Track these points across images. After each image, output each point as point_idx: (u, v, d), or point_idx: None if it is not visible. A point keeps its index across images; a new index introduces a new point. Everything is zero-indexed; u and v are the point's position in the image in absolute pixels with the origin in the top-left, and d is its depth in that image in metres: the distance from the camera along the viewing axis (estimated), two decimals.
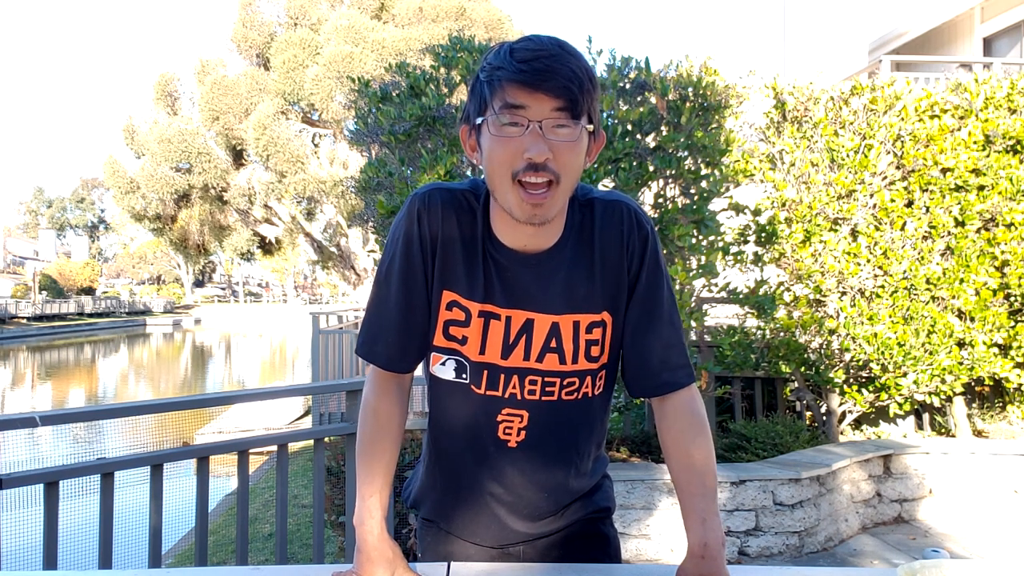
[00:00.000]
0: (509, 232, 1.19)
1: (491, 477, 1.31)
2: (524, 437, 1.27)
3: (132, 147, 20.62)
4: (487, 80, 1.09)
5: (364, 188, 4.90)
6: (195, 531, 2.56)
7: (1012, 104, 5.56)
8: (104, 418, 2.60)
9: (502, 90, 1.07)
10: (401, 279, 1.22)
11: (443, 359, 1.25)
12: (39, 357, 30.35)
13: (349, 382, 3.06)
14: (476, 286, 1.20)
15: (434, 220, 1.20)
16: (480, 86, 1.11)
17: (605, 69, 4.71)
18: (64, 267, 52.71)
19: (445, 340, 1.24)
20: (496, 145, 1.09)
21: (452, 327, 1.22)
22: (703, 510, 1.19)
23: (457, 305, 1.21)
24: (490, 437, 1.28)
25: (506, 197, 1.11)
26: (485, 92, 1.10)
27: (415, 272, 1.21)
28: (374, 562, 1.21)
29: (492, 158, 1.10)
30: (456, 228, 1.20)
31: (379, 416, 1.29)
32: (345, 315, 12.58)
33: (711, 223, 4.55)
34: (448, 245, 1.20)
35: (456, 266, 1.21)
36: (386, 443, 1.28)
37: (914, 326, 5.29)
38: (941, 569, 1.08)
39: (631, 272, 1.24)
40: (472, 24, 17.94)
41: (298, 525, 6.04)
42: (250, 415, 11.57)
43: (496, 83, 1.08)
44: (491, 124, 1.09)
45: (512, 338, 1.22)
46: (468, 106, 1.16)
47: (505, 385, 1.24)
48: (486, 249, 1.21)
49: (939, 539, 4.59)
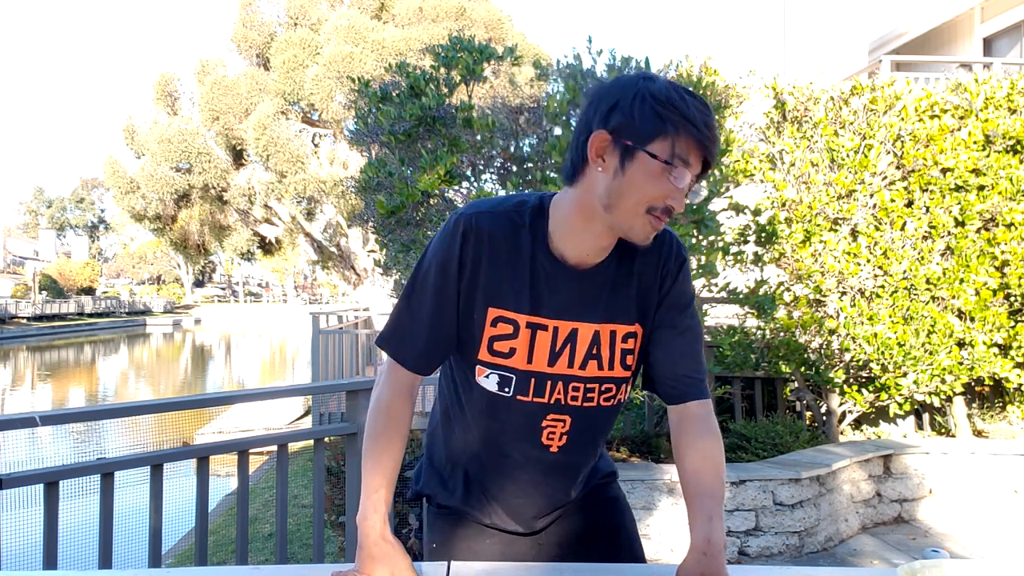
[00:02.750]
0: (574, 246, 1.26)
1: (527, 477, 1.39)
2: (565, 441, 1.36)
3: (132, 147, 20.62)
4: (670, 121, 1.13)
5: (364, 188, 4.90)
6: (195, 531, 2.56)
7: (1012, 104, 5.56)
8: (104, 418, 2.60)
9: (681, 141, 1.14)
10: (435, 292, 1.28)
11: (487, 372, 1.31)
12: (39, 357, 30.35)
13: (349, 382, 3.06)
14: (523, 299, 1.27)
15: (479, 244, 1.26)
16: (657, 118, 1.14)
17: (605, 69, 4.71)
18: (64, 267, 52.70)
19: (490, 355, 1.30)
20: (651, 182, 1.15)
21: (497, 342, 1.29)
22: (710, 509, 1.24)
23: (504, 320, 1.28)
24: (533, 441, 1.35)
25: (631, 221, 1.19)
26: (666, 129, 1.13)
27: (449, 290, 1.27)
28: (376, 559, 1.24)
29: (640, 189, 1.16)
30: (503, 248, 1.27)
31: (391, 414, 1.34)
32: (345, 315, 12.59)
33: (711, 223, 4.55)
34: (493, 266, 1.27)
35: (503, 283, 1.27)
36: (395, 441, 1.33)
37: (914, 326, 5.28)
38: (941, 569, 1.08)
39: (663, 290, 1.33)
40: (472, 24, 17.94)
41: (298, 525, 6.04)
42: (250, 415, 11.57)
43: (680, 132, 1.13)
44: (645, 162, 1.15)
45: (558, 347, 1.29)
46: (617, 116, 1.16)
47: (551, 392, 1.31)
48: (536, 263, 1.27)
49: (939, 539, 4.59)
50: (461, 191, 4.77)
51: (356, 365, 10.06)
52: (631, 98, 1.16)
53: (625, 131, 1.15)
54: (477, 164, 4.70)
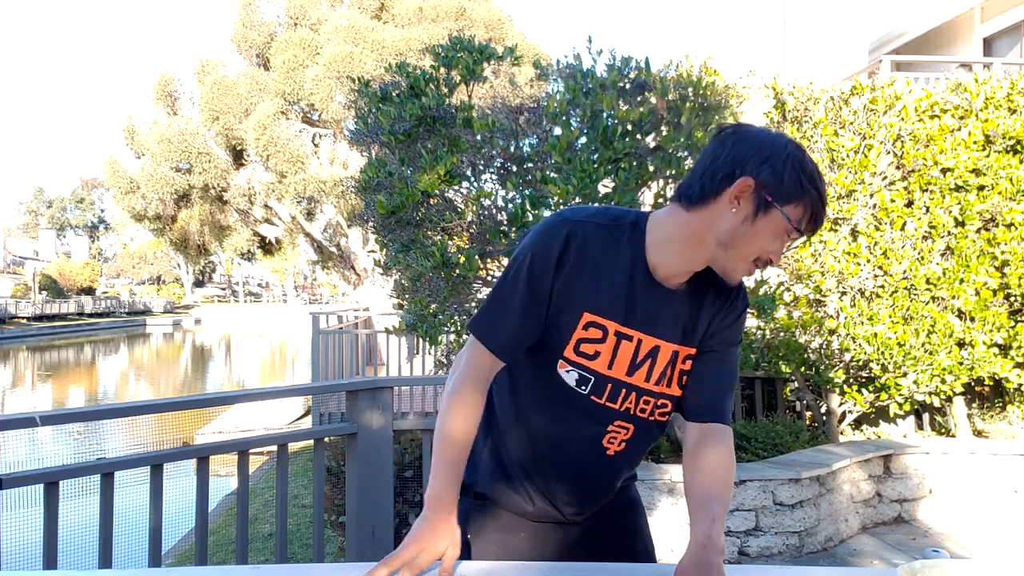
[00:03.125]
0: (669, 266, 1.35)
1: (577, 473, 1.46)
2: (623, 448, 1.44)
3: (132, 147, 20.60)
4: (808, 195, 1.25)
5: (364, 188, 4.89)
6: (195, 531, 2.56)
7: (1012, 104, 5.56)
8: (104, 418, 2.61)
9: (809, 213, 1.26)
10: (529, 286, 1.34)
11: (568, 368, 1.38)
12: (39, 357, 30.34)
13: (349, 382, 3.06)
14: (617, 309, 1.34)
15: (581, 250, 1.33)
16: (799, 186, 1.24)
17: (605, 69, 4.71)
18: (64, 267, 52.70)
19: (575, 355, 1.37)
20: (772, 237, 1.27)
21: (584, 344, 1.36)
22: (715, 512, 1.27)
23: (595, 325, 1.35)
24: (594, 442, 1.43)
25: (737, 264, 1.29)
26: (803, 199, 1.25)
27: (543, 286, 1.34)
28: (439, 535, 1.30)
29: (761, 241, 1.27)
30: (603, 257, 1.34)
31: (474, 399, 1.40)
32: (345, 315, 12.58)
33: None
34: (592, 273, 1.34)
35: (599, 291, 1.34)
36: (470, 423, 1.39)
37: (914, 326, 5.28)
38: (941, 569, 1.08)
39: (723, 323, 1.43)
40: (472, 24, 17.93)
41: (298, 525, 6.05)
42: (250, 415, 11.58)
43: (811, 206, 1.26)
44: (777, 220, 1.25)
45: (639, 359, 1.37)
46: (769, 174, 1.24)
47: (623, 400, 1.39)
48: (633, 276, 1.35)
49: (939, 539, 4.59)
50: (461, 191, 4.77)
51: (356, 365, 10.06)
52: (783, 159, 1.25)
53: (770, 187, 1.24)
54: (477, 164, 4.70)
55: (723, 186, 1.26)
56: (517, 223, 4.27)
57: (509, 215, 4.38)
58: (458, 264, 4.27)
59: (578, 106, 4.52)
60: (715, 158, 1.29)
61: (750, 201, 1.25)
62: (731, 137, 1.30)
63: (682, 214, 1.31)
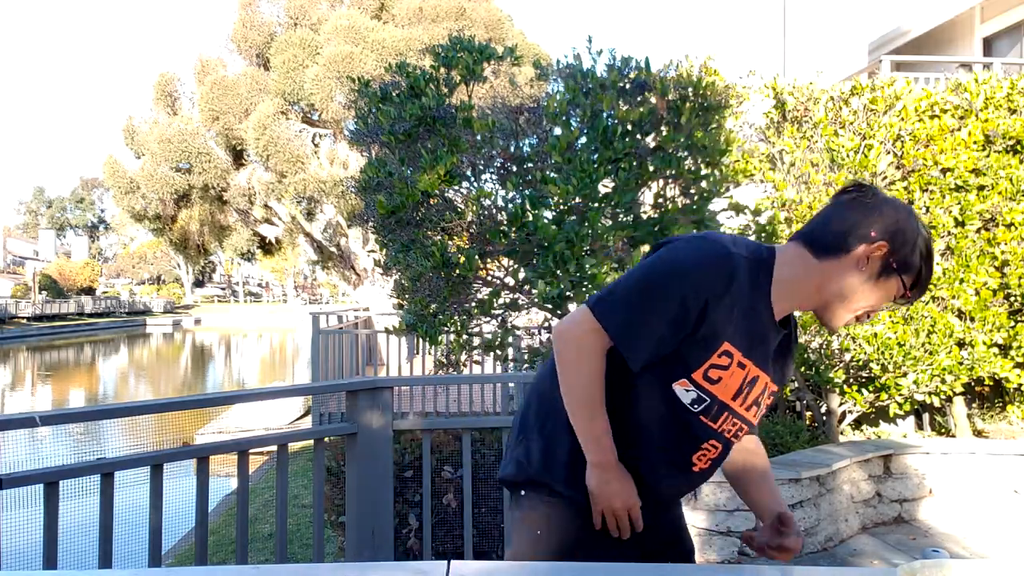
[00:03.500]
0: (783, 307, 1.48)
1: (663, 484, 1.53)
2: (708, 466, 1.53)
3: (132, 147, 20.59)
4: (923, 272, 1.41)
5: (364, 188, 4.89)
6: (195, 531, 2.56)
7: (1012, 104, 5.56)
8: (104, 418, 2.60)
9: (916, 283, 1.42)
10: (681, 310, 1.39)
11: (688, 387, 1.44)
12: (39, 357, 30.34)
13: (349, 382, 3.06)
14: (744, 340, 1.44)
15: (735, 286, 1.41)
16: (921, 261, 1.40)
17: (605, 69, 4.71)
18: (64, 267, 52.68)
19: (702, 378, 1.44)
20: (881, 297, 1.43)
21: (713, 370, 1.43)
22: (772, 486, 1.62)
23: (727, 354, 1.43)
24: (686, 457, 1.50)
25: (845, 316, 1.45)
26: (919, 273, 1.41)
27: (692, 314, 1.39)
28: (631, 483, 1.46)
29: (875, 299, 1.43)
30: (745, 292, 1.43)
31: (599, 376, 1.44)
32: (345, 315, 12.58)
33: (711, 223, 4.55)
34: (739, 307, 1.42)
35: (738, 322, 1.43)
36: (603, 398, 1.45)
37: (914, 326, 5.28)
38: (941, 569, 1.08)
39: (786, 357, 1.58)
40: (472, 24, 17.93)
41: (298, 525, 6.05)
42: (250, 415, 11.57)
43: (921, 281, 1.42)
44: (894, 285, 1.41)
45: (743, 386, 1.47)
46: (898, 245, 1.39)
47: (723, 422, 1.48)
48: (758, 311, 1.45)
49: (939, 539, 4.59)
50: (461, 191, 4.76)
51: (356, 365, 10.06)
52: (915, 233, 1.40)
53: (898, 255, 1.39)
54: (477, 164, 4.70)
55: (855, 244, 1.39)
56: (517, 223, 4.27)
57: (509, 215, 4.38)
58: (458, 264, 4.27)
59: (578, 106, 4.52)
60: (849, 216, 1.42)
61: (876, 262, 1.39)
62: (869, 199, 1.43)
63: (809, 259, 1.43)
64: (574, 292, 4.22)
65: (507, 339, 5.01)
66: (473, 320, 4.86)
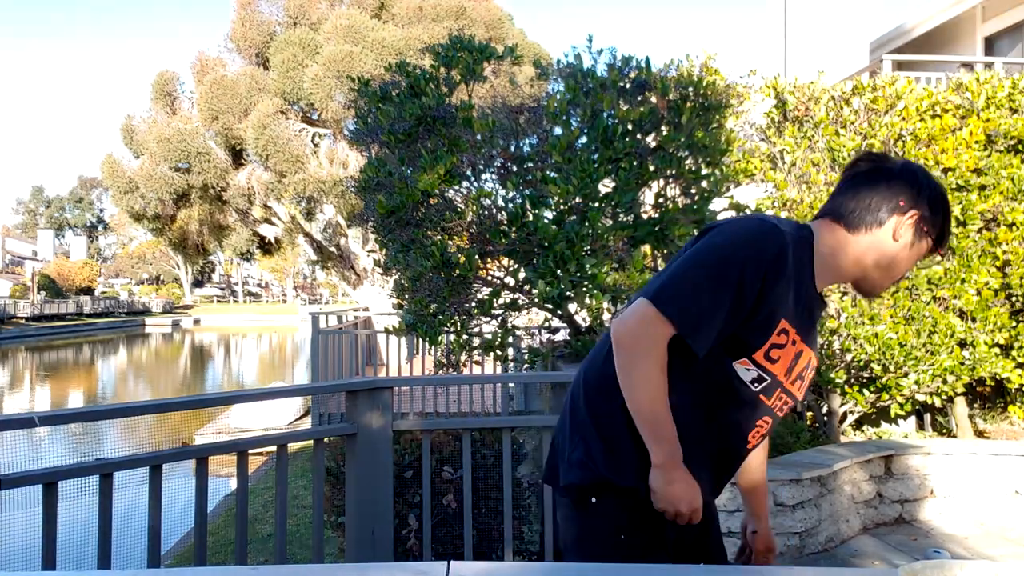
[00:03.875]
0: (824, 282, 1.52)
1: (723, 464, 1.56)
2: (758, 441, 1.58)
3: (131, 147, 20.57)
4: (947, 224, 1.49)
5: (364, 188, 4.89)
6: (194, 532, 2.55)
7: (1013, 104, 5.55)
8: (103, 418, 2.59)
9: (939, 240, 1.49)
10: (739, 290, 1.40)
11: (749, 367, 1.47)
12: (38, 357, 30.32)
13: (349, 382, 3.05)
14: (797, 318, 1.47)
15: (787, 264, 1.43)
16: (946, 223, 1.48)
17: (605, 69, 4.70)
18: (63, 267, 52.67)
19: (763, 358, 1.46)
20: (915, 258, 1.50)
21: (774, 349, 1.46)
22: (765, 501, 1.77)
23: (784, 332, 1.46)
24: (744, 434, 1.54)
25: (886, 283, 1.52)
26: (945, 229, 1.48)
27: (750, 292, 1.41)
28: (696, 485, 1.45)
29: (907, 263, 1.50)
30: (795, 270, 1.46)
31: (663, 368, 1.44)
32: (345, 315, 12.57)
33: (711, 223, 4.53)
34: (788, 284, 1.44)
35: (790, 300, 1.45)
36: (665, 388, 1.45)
37: (915, 326, 5.27)
38: (943, 570, 1.07)
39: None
40: (472, 24, 17.92)
41: (298, 525, 6.04)
42: (250, 415, 11.56)
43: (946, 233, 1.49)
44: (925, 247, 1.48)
45: (793, 362, 1.49)
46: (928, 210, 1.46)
47: (776, 399, 1.51)
48: (807, 288, 1.49)
49: (940, 540, 4.58)
50: (461, 191, 4.75)
51: (356, 365, 10.05)
52: (936, 192, 1.48)
53: (928, 220, 1.46)
54: (477, 164, 4.69)
55: (887, 217, 1.45)
56: (517, 223, 4.27)
57: (509, 215, 4.37)
58: (458, 264, 4.26)
59: (578, 106, 4.51)
60: (874, 188, 1.48)
61: (910, 231, 1.45)
62: (888, 166, 1.49)
63: (844, 235, 1.48)
64: (574, 292, 4.21)
65: (507, 339, 5.00)
66: (473, 320, 4.85)
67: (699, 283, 1.41)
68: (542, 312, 4.96)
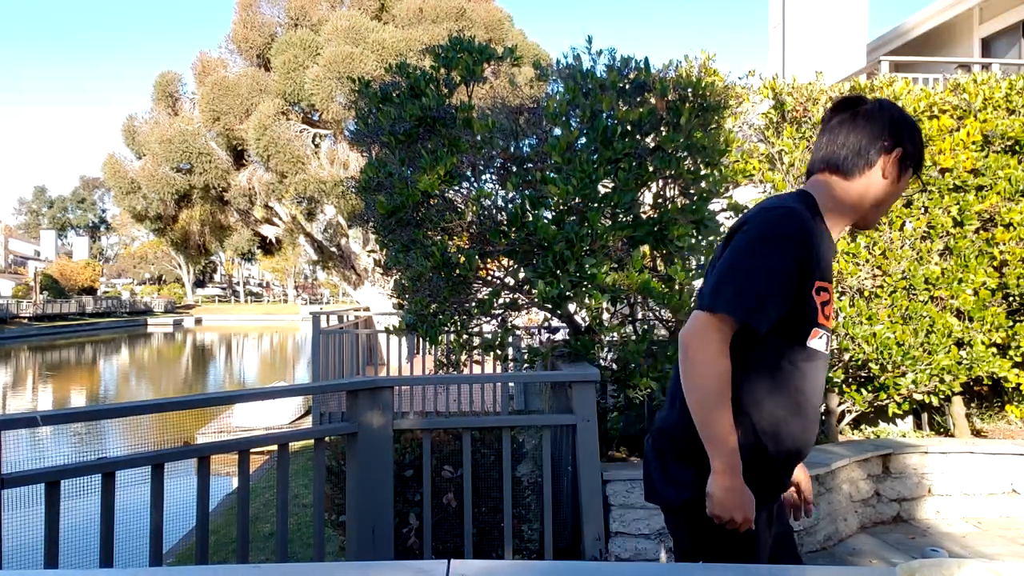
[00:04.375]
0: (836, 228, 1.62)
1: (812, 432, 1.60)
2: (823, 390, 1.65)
3: (133, 147, 20.58)
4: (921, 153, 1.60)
5: (364, 188, 4.90)
6: (196, 530, 2.57)
7: (1010, 104, 5.56)
8: (105, 418, 2.62)
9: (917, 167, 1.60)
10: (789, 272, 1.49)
11: (820, 334, 1.57)
12: (40, 357, 30.36)
13: (349, 382, 3.07)
14: (829, 270, 1.58)
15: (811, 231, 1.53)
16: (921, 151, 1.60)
17: (605, 69, 4.72)
18: (65, 267, 52.72)
19: (824, 318, 1.56)
20: (903, 188, 1.63)
21: (827, 307, 1.56)
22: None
23: (825, 289, 1.56)
24: (822, 397, 1.63)
25: (878, 217, 1.63)
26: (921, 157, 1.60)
27: (799, 271, 1.50)
28: (752, 498, 1.47)
29: (896, 196, 1.61)
30: (815, 232, 1.55)
31: (727, 373, 1.49)
32: (345, 315, 12.59)
33: (711, 223, 4.56)
34: (818, 249, 1.54)
35: (821, 260, 1.54)
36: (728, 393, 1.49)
37: (913, 326, 5.29)
38: (940, 568, 1.09)
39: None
40: (472, 24, 17.93)
41: (299, 524, 6.06)
42: (251, 415, 11.59)
43: (921, 163, 1.60)
44: (908, 178, 1.60)
45: (832, 306, 1.60)
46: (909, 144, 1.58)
47: (828, 346, 1.61)
48: (828, 243, 1.59)
49: (938, 538, 4.60)
50: (461, 191, 4.77)
51: (356, 365, 10.06)
52: (910, 125, 1.58)
53: (910, 155, 1.58)
54: (477, 164, 4.71)
55: (876, 157, 1.56)
56: (517, 223, 4.28)
57: (509, 215, 4.39)
58: (458, 264, 4.28)
59: (578, 106, 4.53)
60: (862, 132, 1.56)
61: (895, 167, 1.56)
62: (872, 110, 1.57)
63: (841, 183, 1.58)
64: (574, 292, 4.23)
65: (507, 339, 5.02)
66: (473, 320, 4.87)
67: (743, 272, 1.49)
68: (542, 312, 4.98)
